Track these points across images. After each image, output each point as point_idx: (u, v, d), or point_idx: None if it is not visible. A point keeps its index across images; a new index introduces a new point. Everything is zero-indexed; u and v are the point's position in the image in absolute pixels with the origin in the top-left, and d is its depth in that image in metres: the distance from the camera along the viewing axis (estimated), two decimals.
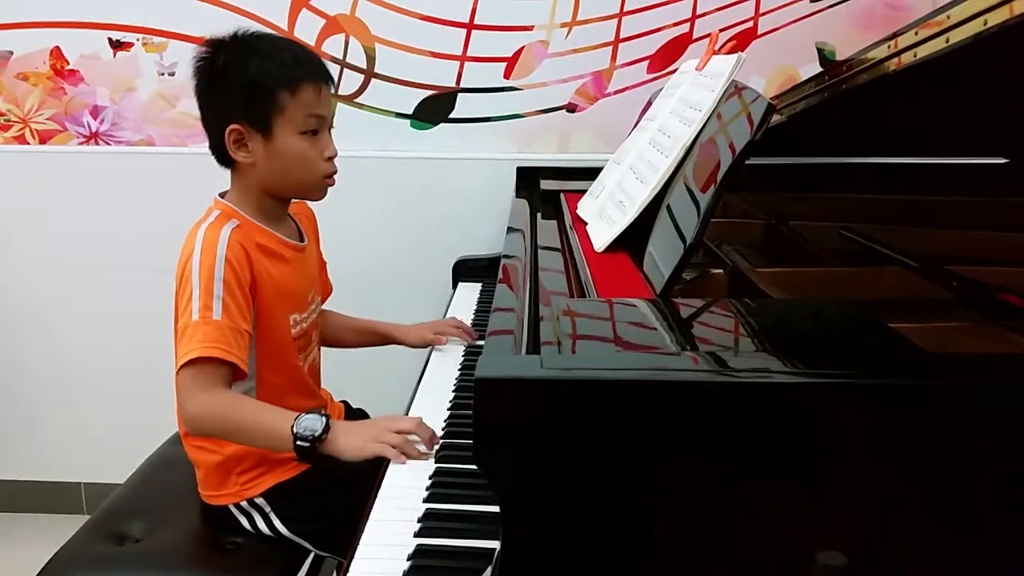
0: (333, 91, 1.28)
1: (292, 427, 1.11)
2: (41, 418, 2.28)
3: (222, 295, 1.15)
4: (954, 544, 0.72)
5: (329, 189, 1.30)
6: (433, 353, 1.52)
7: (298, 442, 1.10)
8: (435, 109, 2.06)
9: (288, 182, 1.26)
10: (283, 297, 1.26)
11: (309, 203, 1.41)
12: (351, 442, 1.12)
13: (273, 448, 1.22)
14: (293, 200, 1.34)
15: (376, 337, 1.59)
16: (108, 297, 2.18)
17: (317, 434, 1.10)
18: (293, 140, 1.21)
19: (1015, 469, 0.70)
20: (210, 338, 1.12)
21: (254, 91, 1.19)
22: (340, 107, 2.04)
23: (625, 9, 1.98)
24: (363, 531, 0.96)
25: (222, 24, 1.25)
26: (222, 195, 1.28)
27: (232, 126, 1.20)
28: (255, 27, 1.25)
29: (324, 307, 1.48)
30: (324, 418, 1.12)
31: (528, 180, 1.93)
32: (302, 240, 1.35)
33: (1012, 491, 0.71)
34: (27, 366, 2.24)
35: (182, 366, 1.13)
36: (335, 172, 1.27)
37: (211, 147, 1.25)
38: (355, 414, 1.52)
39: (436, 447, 1.12)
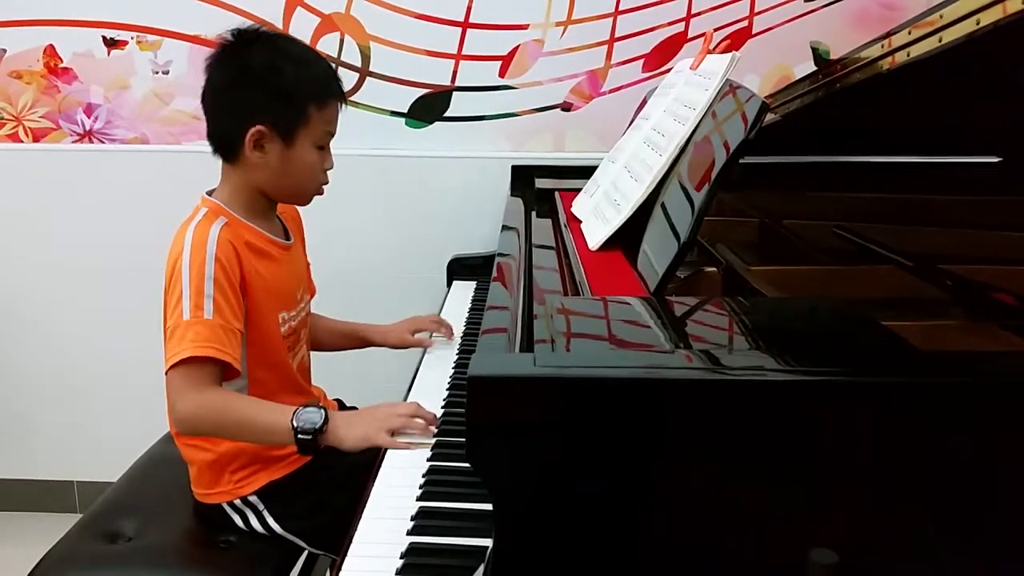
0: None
1: (292, 420, 1.12)
2: (34, 416, 2.27)
3: (213, 294, 1.14)
4: (947, 541, 0.72)
5: (324, 187, 1.30)
6: (427, 351, 1.52)
7: (299, 435, 1.11)
8: (430, 107, 2.05)
9: (289, 188, 1.27)
10: (272, 295, 1.26)
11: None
12: (351, 432, 1.13)
13: (271, 443, 1.23)
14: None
15: (355, 340, 1.58)
16: (101, 295, 2.17)
17: (318, 426, 1.12)
18: (309, 151, 1.23)
19: (1008, 467, 0.71)
20: (202, 337, 1.12)
21: (288, 100, 1.19)
22: None
23: (620, 8, 1.98)
24: (356, 529, 0.97)
25: (217, 22, 1.24)
26: (209, 193, 1.27)
27: (257, 127, 1.19)
28: (246, 23, 1.25)
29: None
30: (322, 410, 1.14)
31: (523, 179, 1.93)
32: (288, 238, 1.35)
33: (1005, 489, 0.71)
34: (20, 364, 2.24)
35: (173, 366, 1.12)
36: (327, 183, 1.30)
37: (217, 136, 1.24)
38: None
39: (434, 430, 1.16)
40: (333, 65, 1.29)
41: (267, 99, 1.19)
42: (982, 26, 0.95)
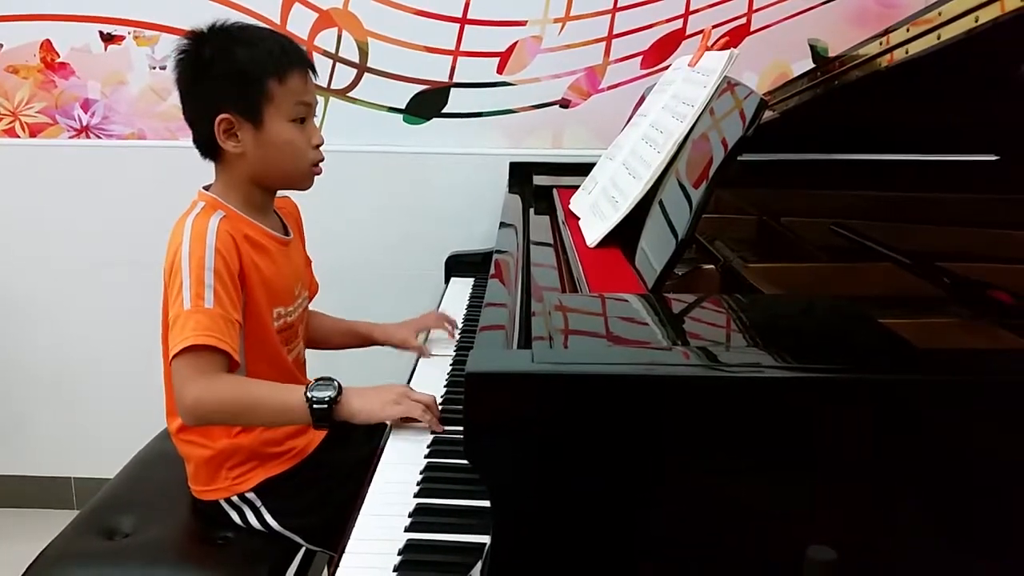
0: (316, 80, 1.28)
1: (306, 392, 1.13)
2: (31, 413, 2.27)
3: (213, 284, 1.14)
4: (943, 539, 0.72)
5: (322, 183, 1.29)
6: (425, 346, 1.51)
7: (315, 405, 1.12)
8: (428, 104, 2.05)
9: (278, 171, 1.25)
10: (269, 290, 1.25)
11: (296, 199, 1.41)
12: (366, 404, 1.14)
13: (283, 423, 1.23)
14: (279, 194, 1.33)
15: (358, 339, 1.57)
16: (98, 291, 2.17)
17: (333, 396, 1.12)
18: (283, 128, 1.21)
19: (1005, 465, 0.71)
20: (203, 326, 1.12)
21: (243, 80, 1.19)
22: (333, 101, 2.04)
23: (618, 5, 1.98)
24: (354, 526, 0.96)
25: (215, 18, 1.24)
26: (206, 188, 1.27)
27: (222, 116, 1.19)
28: (235, 18, 1.25)
29: (310, 308, 1.47)
30: (335, 382, 1.14)
31: (521, 175, 1.93)
32: (287, 234, 1.34)
33: (1002, 487, 0.71)
34: (17, 361, 2.23)
35: (176, 354, 1.12)
36: (322, 160, 1.28)
37: (196, 140, 1.25)
38: None
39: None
40: (293, 39, 1.27)
41: (224, 86, 1.19)
42: (980, 23, 0.95)
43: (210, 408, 1.14)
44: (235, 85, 1.19)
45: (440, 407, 1.22)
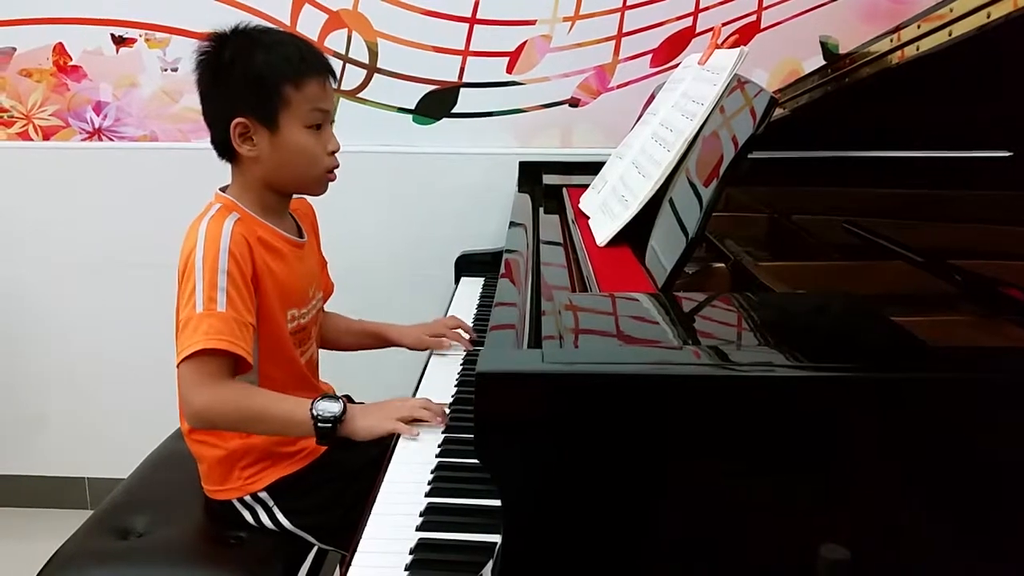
0: (335, 86, 1.28)
1: (311, 410, 1.14)
2: (45, 413, 2.29)
3: (226, 287, 1.15)
4: (955, 538, 0.72)
5: (331, 184, 1.30)
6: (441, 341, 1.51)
7: (319, 424, 1.13)
8: (438, 104, 2.05)
9: (292, 176, 1.26)
10: (283, 292, 1.26)
11: (309, 200, 1.42)
12: (365, 422, 1.15)
13: (287, 435, 1.24)
14: (293, 196, 1.34)
15: (372, 339, 1.57)
16: (110, 293, 2.18)
17: (337, 415, 1.14)
18: (298, 134, 1.22)
19: (1018, 464, 0.70)
20: (215, 330, 1.12)
21: (260, 85, 1.19)
22: (343, 102, 2.05)
23: (628, 3, 1.98)
24: (366, 525, 0.97)
25: (225, 20, 1.24)
26: (223, 189, 1.28)
27: (238, 120, 1.20)
28: (256, 22, 1.25)
29: (325, 308, 1.47)
30: (340, 401, 1.16)
31: (530, 175, 1.93)
32: (301, 237, 1.35)
33: (1014, 486, 0.71)
34: (31, 362, 2.25)
35: (185, 358, 1.12)
36: (337, 166, 1.28)
37: (213, 141, 1.25)
38: None
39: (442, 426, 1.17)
40: (313, 44, 1.27)
41: (242, 90, 1.20)
42: (992, 19, 0.95)
43: (216, 415, 1.16)
44: (252, 89, 1.19)
45: (450, 407, 1.23)
